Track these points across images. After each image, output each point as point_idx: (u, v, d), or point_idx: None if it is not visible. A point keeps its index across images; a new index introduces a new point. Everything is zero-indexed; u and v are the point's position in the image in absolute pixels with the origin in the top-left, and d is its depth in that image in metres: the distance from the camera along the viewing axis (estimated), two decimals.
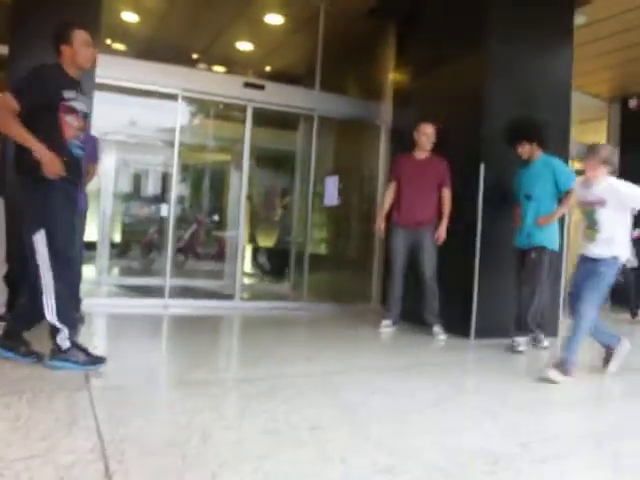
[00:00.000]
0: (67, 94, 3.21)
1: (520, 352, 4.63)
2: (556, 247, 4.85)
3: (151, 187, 10.04)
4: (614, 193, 3.73)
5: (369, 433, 2.42)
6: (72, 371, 3.09)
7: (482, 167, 5.15)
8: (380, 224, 5.56)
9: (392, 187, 5.54)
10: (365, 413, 2.73)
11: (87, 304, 5.24)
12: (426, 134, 5.36)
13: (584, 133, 9.03)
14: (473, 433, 2.52)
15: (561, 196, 4.75)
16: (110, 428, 2.26)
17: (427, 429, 2.53)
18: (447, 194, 5.31)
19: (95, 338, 4.59)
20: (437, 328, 5.25)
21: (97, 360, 3.23)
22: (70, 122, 3.22)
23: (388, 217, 5.51)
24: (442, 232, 5.27)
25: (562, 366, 3.60)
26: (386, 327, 5.35)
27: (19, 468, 1.82)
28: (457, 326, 5.23)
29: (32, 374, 3.03)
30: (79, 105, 3.28)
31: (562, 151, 5.69)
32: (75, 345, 3.21)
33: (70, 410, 2.45)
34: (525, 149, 4.86)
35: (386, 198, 5.55)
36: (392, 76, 7.23)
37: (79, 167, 3.36)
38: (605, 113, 9.50)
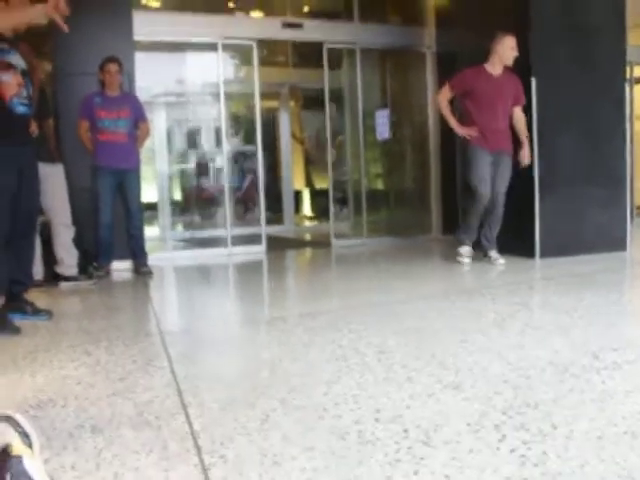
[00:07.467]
0: None
1: None
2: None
3: (204, 142, 10.11)
4: None
5: (433, 353, 2.44)
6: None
7: (533, 81, 4.93)
8: (465, 131, 4.86)
9: (447, 95, 4.93)
10: (429, 336, 2.75)
11: (154, 258, 5.45)
12: (511, 47, 4.74)
13: None
14: (540, 348, 2.50)
15: None
16: (183, 366, 2.37)
17: (491, 347, 2.52)
18: (522, 113, 4.91)
19: (165, 289, 4.77)
20: (494, 253, 4.98)
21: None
22: (8, 81, 2.90)
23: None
24: (528, 154, 4.86)
25: None
26: (467, 256, 5.02)
27: (103, 405, 1.94)
28: (521, 247, 5.12)
29: (108, 325, 3.20)
30: (14, 60, 2.98)
31: (617, 57, 5.39)
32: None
33: (145, 353, 2.57)
34: None
35: (444, 106, 4.92)
36: None
37: (24, 126, 3.12)
38: None
